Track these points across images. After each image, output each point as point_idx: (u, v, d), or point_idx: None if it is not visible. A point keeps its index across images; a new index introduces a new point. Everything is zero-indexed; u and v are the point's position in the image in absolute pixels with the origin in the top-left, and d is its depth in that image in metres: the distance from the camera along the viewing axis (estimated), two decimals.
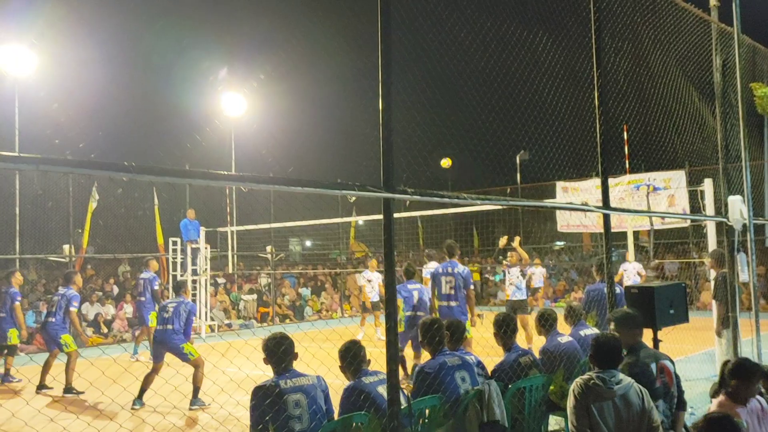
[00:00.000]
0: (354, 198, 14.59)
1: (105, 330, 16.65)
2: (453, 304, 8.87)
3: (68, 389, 9.79)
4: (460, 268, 9.04)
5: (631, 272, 15.29)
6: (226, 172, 3.66)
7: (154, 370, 8.71)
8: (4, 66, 15.56)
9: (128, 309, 17.42)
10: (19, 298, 11.53)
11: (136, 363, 12.03)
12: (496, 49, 5.32)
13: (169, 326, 8.72)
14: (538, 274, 17.86)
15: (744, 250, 7.76)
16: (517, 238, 12.83)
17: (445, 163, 12.63)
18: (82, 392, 9.52)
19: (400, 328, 9.60)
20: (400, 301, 10.05)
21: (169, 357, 8.73)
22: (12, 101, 15.39)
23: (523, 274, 13.33)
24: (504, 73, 5.61)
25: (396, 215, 3.99)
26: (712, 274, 9.32)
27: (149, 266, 13.46)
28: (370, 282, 15.37)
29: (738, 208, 7.63)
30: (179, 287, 9.67)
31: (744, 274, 7.81)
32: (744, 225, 7.69)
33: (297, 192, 3.73)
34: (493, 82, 5.49)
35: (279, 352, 4.12)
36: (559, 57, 6.06)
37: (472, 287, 9.15)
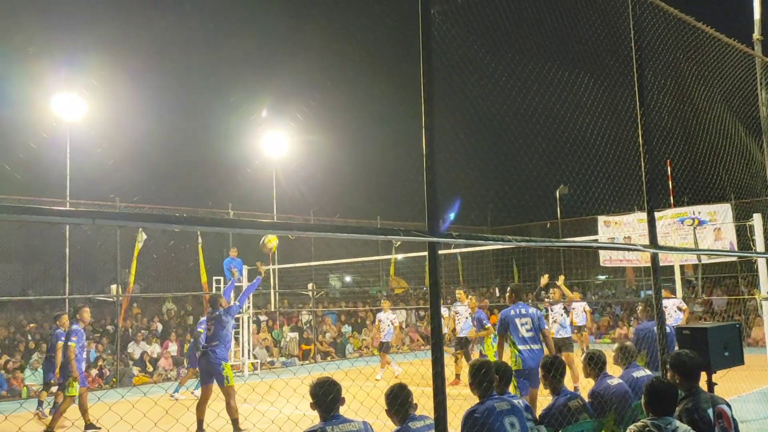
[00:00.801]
0: (399, 243, 14.59)
1: (150, 368, 16.84)
2: (536, 347, 8.36)
3: None
4: (533, 309, 8.69)
5: (672, 309, 14.95)
6: (272, 221, 3.73)
7: (204, 399, 8.79)
8: (57, 112, 16.17)
9: (173, 347, 17.62)
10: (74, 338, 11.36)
11: (176, 404, 12.11)
12: (537, 90, 5.35)
13: (214, 342, 8.80)
14: (579, 309, 17.56)
15: None
16: (561, 277, 12.65)
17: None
18: None
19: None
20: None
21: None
22: (63, 148, 15.92)
23: (567, 311, 13.12)
24: (546, 113, 5.63)
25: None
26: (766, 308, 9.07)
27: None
28: (381, 323, 15.59)
29: None
30: (215, 301, 9.48)
31: None
32: None
33: (343, 238, 3.76)
34: (536, 122, 5.51)
35: (327, 400, 4.12)
36: (601, 96, 6.05)
37: (546, 327, 8.88)
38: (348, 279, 30.08)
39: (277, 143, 20.26)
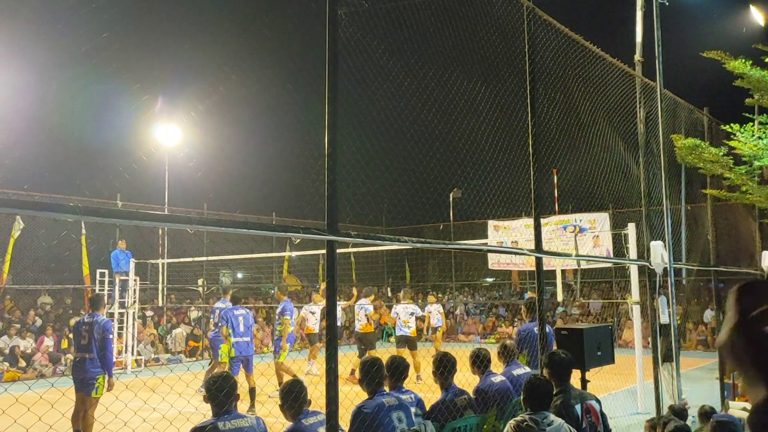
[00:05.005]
0: (298, 240, 14.54)
1: (23, 364, 15.90)
2: None
3: None
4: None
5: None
6: (172, 214, 3.68)
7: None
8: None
9: (49, 342, 16.73)
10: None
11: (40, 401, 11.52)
12: (437, 97, 5.53)
13: (87, 355, 8.04)
14: (435, 311, 18.19)
15: (664, 293, 8.16)
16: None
17: None
18: None
19: None
20: None
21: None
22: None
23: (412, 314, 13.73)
24: (444, 119, 5.83)
25: None
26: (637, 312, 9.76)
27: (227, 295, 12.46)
28: (314, 314, 15.18)
29: (659, 252, 8.05)
30: (97, 301, 8.45)
31: (664, 316, 8.21)
32: (665, 269, 8.10)
33: (243, 233, 3.75)
34: (434, 127, 5.70)
35: (221, 394, 4.09)
36: (496, 106, 6.33)
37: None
38: (239, 275, 29.57)
39: (171, 133, 19.66)
